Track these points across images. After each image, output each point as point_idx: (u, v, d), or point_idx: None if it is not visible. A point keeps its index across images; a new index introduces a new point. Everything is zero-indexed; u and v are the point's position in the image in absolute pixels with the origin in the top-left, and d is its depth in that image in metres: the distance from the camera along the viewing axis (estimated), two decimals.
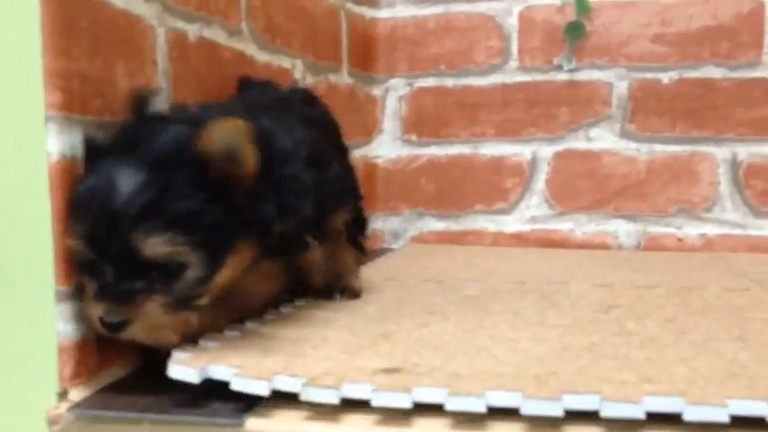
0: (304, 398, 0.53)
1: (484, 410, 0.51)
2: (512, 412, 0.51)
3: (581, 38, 1.42)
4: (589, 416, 0.50)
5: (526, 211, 1.47)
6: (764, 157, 1.37)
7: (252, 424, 0.54)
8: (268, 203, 0.63)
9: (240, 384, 0.55)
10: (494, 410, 0.51)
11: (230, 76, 0.91)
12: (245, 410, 0.55)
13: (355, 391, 0.53)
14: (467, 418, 0.52)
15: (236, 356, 0.60)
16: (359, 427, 0.52)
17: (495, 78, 1.47)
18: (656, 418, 0.50)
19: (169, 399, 0.57)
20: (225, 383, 0.56)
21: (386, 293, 0.92)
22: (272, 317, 0.76)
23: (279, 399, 0.55)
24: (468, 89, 1.49)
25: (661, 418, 0.50)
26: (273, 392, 0.54)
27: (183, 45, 0.80)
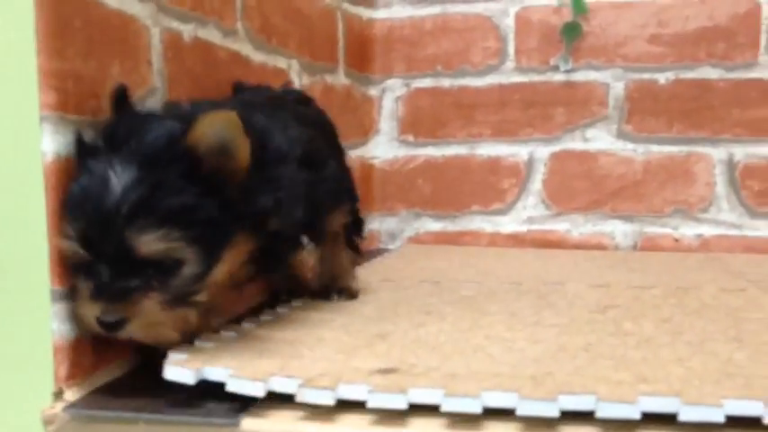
0: (300, 399, 0.53)
1: (480, 411, 0.51)
2: (507, 412, 0.51)
3: (578, 38, 1.43)
4: (585, 416, 0.50)
5: (523, 212, 1.47)
6: (761, 157, 1.37)
7: (247, 424, 0.53)
8: (262, 197, 0.62)
9: (236, 386, 0.55)
10: (490, 410, 0.51)
11: (225, 76, 0.90)
12: (240, 410, 0.55)
13: (351, 393, 0.53)
14: (462, 418, 0.52)
15: (231, 358, 0.60)
16: (354, 426, 0.52)
17: (491, 79, 1.47)
18: (651, 418, 0.50)
19: (164, 399, 0.57)
20: (221, 384, 0.56)
21: (382, 294, 0.92)
22: (269, 318, 0.76)
23: (274, 399, 0.54)
24: (465, 90, 1.49)
25: (657, 418, 0.50)
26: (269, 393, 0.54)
27: (178, 45, 0.79)
